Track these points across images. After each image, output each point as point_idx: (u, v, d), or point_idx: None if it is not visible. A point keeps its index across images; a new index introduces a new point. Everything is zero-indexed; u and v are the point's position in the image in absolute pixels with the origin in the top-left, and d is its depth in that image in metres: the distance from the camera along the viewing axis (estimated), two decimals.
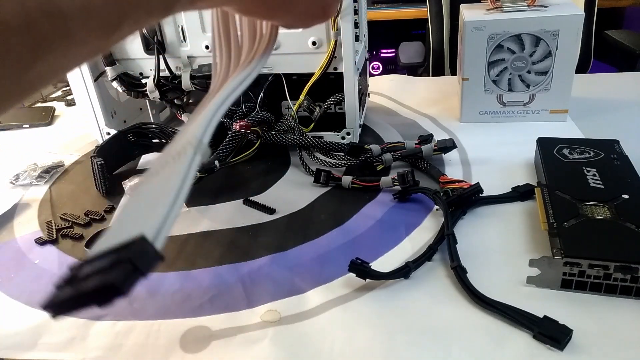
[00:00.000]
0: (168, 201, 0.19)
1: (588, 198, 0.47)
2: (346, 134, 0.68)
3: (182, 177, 0.20)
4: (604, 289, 0.40)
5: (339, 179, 0.59)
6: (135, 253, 0.17)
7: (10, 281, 0.49)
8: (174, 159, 0.22)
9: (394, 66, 2.21)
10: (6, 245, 0.55)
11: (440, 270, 0.45)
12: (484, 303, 0.40)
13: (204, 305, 0.43)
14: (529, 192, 0.54)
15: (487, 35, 0.68)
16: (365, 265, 0.43)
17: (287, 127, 0.66)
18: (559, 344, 0.36)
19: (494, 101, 0.73)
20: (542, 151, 0.57)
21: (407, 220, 0.52)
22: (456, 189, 0.54)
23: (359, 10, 0.68)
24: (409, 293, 0.43)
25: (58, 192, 0.65)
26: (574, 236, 0.42)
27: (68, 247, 0.53)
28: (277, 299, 0.43)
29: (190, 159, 0.21)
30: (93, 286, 0.16)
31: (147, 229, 0.17)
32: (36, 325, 0.43)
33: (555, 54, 0.68)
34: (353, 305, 0.42)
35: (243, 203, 0.58)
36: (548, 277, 0.41)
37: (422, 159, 0.62)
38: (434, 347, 0.37)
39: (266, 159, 0.68)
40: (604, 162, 0.53)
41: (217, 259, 0.49)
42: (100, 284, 0.16)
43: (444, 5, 1.45)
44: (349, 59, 0.63)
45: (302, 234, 0.52)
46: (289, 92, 0.66)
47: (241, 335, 0.40)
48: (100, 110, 0.72)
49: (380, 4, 2.06)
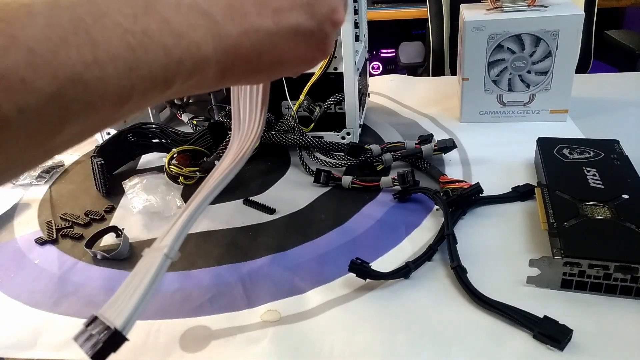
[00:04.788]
0: (138, 297, 0.27)
1: (588, 198, 0.47)
2: (346, 134, 0.68)
3: (152, 278, 0.28)
4: (604, 289, 0.40)
5: (339, 179, 0.59)
6: (108, 338, 0.26)
7: (10, 281, 0.49)
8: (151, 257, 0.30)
9: (394, 66, 2.22)
10: (6, 245, 0.55)
11: (440, 270, 0.45)
12: (484, 303, 0.40)
13: (203, 305, 0.43)
14: (529, 192, 0.54)
15: (487, 35, 0.68)
16: (365, 265, 0.43)
17: (287, 127, 0.66)
18: (559, 344, 0.36)
19: (494, 101, 0.73)
20: (542, 151, 0.57)
21: (407, 220, 0.52)
22: (456, 189, 0.54)
23: (359, 10, 0.68)
24: (409, 293, 0.43)
25: (58, 192, 0.65)
26: (574, 236, 0.42)
27: (68, 247, 0.53)
28: (277, 299, 0.43)
29: (162, 263, 0.29)
30: None
31: (120, 320, 0.26)
32: (36, 325, 0.43)
33: (555, 54, 0.68)
34: (353, 305, 0.42)
35: (243, 203, 0.58)
36: (548, 277, 0.41)
37: (422, 159, 0.62)
38: (434, 347, 0.37)
39: (266, 159, 0.68)
40: (604, 162, 0.53)
41: (217, 259, 0.49)
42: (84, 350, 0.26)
43: (444, 5, 1.45)
44: (349, 59, 0.63)
45: (302, 234, 0.52)
46: (289, 92, 0.66)
47: (241, 335, 0.40)
48: None
49: (380, 4, 2.06)
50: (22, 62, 0.18)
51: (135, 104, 0.22)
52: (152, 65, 0.22)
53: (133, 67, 0.21)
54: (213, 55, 0.24)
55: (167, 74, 0.23)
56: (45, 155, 0.21)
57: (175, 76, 0.23)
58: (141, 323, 0.42)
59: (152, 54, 0.22)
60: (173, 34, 0.22)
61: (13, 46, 0.18)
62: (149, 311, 0.43)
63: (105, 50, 0.20)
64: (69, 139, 0.21)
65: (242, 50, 0.25)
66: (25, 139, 0.19)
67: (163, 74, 0.22)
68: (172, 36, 0.22)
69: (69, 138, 0.21)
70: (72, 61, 0.19)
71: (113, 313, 0.27)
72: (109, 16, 0.20)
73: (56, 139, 0.20)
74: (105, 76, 0.20)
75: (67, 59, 0.19)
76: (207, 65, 0.24)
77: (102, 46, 0.20)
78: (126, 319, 0.26)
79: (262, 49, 0.26)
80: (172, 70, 0.23)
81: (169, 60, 0.22)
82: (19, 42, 0.18)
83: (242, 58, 0.26)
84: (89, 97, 0.20)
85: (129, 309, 0.26)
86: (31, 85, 0.18)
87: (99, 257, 0.51)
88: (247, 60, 0.26)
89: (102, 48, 0.20)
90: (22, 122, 0.18)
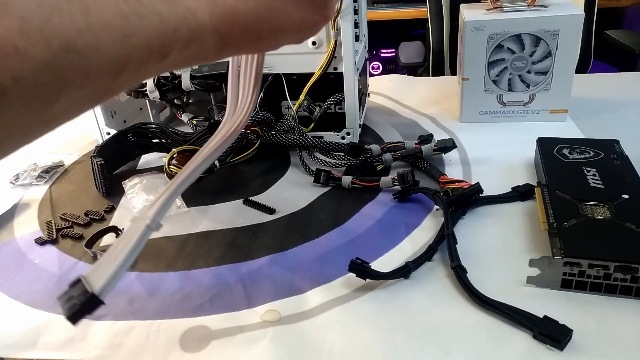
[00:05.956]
0: (117, 264, 0.28)
1: (588, 198, 0.47)
2: (346, 134, 0.68)
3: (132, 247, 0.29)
4: (604, 289, 0.40)
5: (339, 179, 0.59)
6: (85, 301, 0.27)
7: (10, 281, 0.49)
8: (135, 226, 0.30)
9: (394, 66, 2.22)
10: (6, 245, 0.55)
11: (440, 270, 0.45)
12: (484, 303, 0.40)
13: (203, 305, 0.43)
14: (529, 192, 0.54)
15: (487, 35, 0.68)
16: (365, 265, 0.43)
17: (287, 127, 0.66)
18: (559, 344, 0.36)
19: (494, 101, 0.73)
20: (542, 151, 0.57)
21: (407, 220, 0.52)
22: (456, 189, 0.54)
23: (359, 10, 0.68)
24: (409, 293, 0.43)
25: (58, 192, 0.65)
26: (574, 236, 0.42)
27: (68, 247, 0.53)
28: (277, 299, 0.43)
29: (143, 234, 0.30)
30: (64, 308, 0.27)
31: (98, 285, 0.27)
32: (36, 325, 0.43)
33: (555, 54, 0.68)
34: (353, 305, 0.42)
35: (243, 203, 0.58)
36: (548, 277, 0.41)
37: (422, 159, 0.62)
38: (434, 347, 0.37)
39: (266, 159, 0.68)
40: (604, 162, 0.53)
41: (217, 259, 0.49)
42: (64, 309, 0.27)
43: (444, 5, 1.45)
44: (349, 59, 0.63)
45: (302, 234, 0.52)
46: (289, 92, 0.66)
47: (241, 335, 0.40)
48: (100, 110, 0.72)
49: (380, 4, 2.06)
50: (14, 31, 0.18)
51: (132, 73, 0.22)
52: (146, 33, 0.22)
53: (127, 34, 0.21)
54: (209, 22, 0.24)
55: (163, 43, 0.22)
56: (44, 126, 0.21)
57: (172, 45, 0.23)
58: (141, 323, 0.42)
59: (147, 22, 0.21)
60: (167, 1, 0.22)
61: (5, 15, 0.17)
62: (149, 311, 0.43)
63: (98, 17, 0.20)
64: (66, 108, 0.21)
65: (240, 17, 0.25)
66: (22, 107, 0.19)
67: (159, 42, 0.22)
68: (166, 3, 0.22)
69: (67, 108, 0.21)
70: (65, 28, 0.19)
71: (94, 277, 0.28)
72: None
73: (54, 108, 0.20)
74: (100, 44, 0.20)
75: (60, 26, 0.19)
76: (204, 33, 0.24)
77: (95, 14, 0.20)
78: (104, 285, 0.27)
79: (260, 15, 0.26)
80: (168, 39, 0.23)
81: (164, 28, 0.22)
82: (10, 10, 0.18)
83: (241, 25, 0.25)
84: (84, 65, 0.20)
85: (107, 275, 0.27)
86: (25, 53, 0.18)
87: (99, 257, 0.51)
88: (246, 27, 0.26)
89: (95, 15, 0.20)
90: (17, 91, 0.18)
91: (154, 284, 0.46)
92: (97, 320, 0.43)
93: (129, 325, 0.42)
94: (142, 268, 0.49)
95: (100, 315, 0.43)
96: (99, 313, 0.43)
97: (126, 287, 0.46)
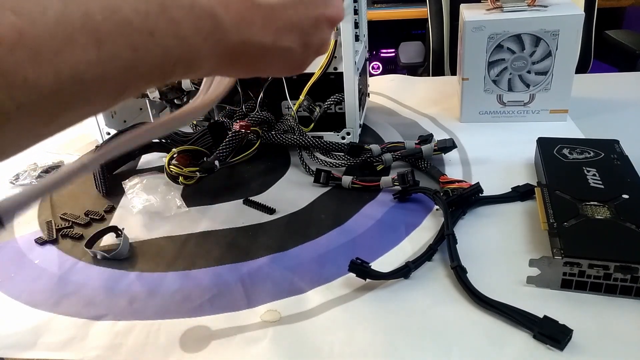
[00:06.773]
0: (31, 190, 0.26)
1: (588, 198, 0.47)
2: (346, 134, 0.68)
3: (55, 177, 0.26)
4: (604, 289, 0.40)
5: (339, 179, 0.59)
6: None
7: (10, 281, 0.49)
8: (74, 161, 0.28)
9: (394, 66, 2.22)
10: (6, 245, 0.55)
11: (440, 270, 0.45)
12: (484, 303, 0.40)
13: (203, 305, 0.43)
14: (529, 192, 0.54)
15: (487, 35, 0.68)
16: (365, 265, 0.43)
17: (287, 127, 0.66)
18: (559, 344, 0.36)
19: (494, 101, 0.73)
20: (542, 151, 0.57)
21: (407, 220, 0.52)
22: (456, 189, 0.54)
23: (359, 10, 0.68)
24: (409, 293, 0.43)
25: (58, 192, 0.65)
26: (574, 236, 0.42)
27: (68, 247, 0.53)
28: (277, 299, 0.43)
29: (75, 169, 0.27)
30: None
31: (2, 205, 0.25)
32: (36, 325, 0.43)
33: (555, 54, 0.68)
34: (353, 305, 0.42)
35: (243, 203, 0.58)
36: (548, 277, 0.41)
37: (422, 159, 0.62)
38: (434, 347, 0.37)
39: (266, 159, 0.68)
40: (604, 162, 0.53)
41: (217, 259, 0.49)
42: None
43: (444, 5, 1.45)
44: (349, 59, 0.63)
45: (302, 234, 0.52)
46: (289, 92, 0.66)
47: (241, 335, 0.40)
48: None
49: (380, 4, 2.06)
50: (26, 61, 0.18)
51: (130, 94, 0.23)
52: (150, 66, 0.22)
53: (132, 66, 0.22)
54: (208, 58, 0.25)
55: (163, 73, 0.23)
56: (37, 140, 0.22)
57: (170, 75, 0.24)
58: (141, 323, 0.42)
59: (152, 55, 0.22)
60: (177, 37, 0.23)
61: (19, 44, 0.18)
62: (149, 311, 0.43)
63: (109, 50, 0.20)
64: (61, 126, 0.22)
65: (237, 57, 0.27)
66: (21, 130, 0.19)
67: (159, 73, 0.23)
68: (176, 39, 0.23)
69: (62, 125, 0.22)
70: (75, 61, 0.19)
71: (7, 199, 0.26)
72: (122, 12, 0.20)
73: (50, 128, 0.21)
74: (105, 74, 0.21)
75: (71, 58, 0.19)
76: (201, 65, 0.25)
77: (107, 45, 0.20)
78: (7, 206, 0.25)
79: (254, 59, 0.28)
80: (168, 70, 0.23)
81: (166, 61, 0.23)
82: (25, 40, 0.18)
83: (234, 62, 0.28)
84: (86, 93, 0.20)
85: (16, 198, 0.26)
86: (33, 83, 0.18)
87: (99, 257, 0.51)
88: (237, 64, 0.28)
89: (106, 48, 0.20)
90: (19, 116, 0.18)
91: (154, 284, 0.46)
92: (97, 320, 0.43)
93: (129, 325, 0.42)
94: (142, 268, 0.49)
95: (100, 315, 0.43)
96: (99, 313, 0.43)
97: (126, 287, 0.46)
